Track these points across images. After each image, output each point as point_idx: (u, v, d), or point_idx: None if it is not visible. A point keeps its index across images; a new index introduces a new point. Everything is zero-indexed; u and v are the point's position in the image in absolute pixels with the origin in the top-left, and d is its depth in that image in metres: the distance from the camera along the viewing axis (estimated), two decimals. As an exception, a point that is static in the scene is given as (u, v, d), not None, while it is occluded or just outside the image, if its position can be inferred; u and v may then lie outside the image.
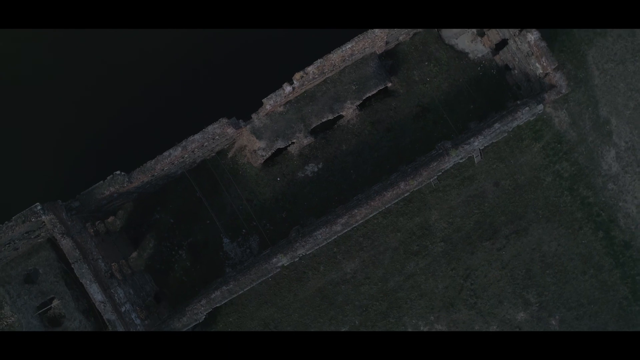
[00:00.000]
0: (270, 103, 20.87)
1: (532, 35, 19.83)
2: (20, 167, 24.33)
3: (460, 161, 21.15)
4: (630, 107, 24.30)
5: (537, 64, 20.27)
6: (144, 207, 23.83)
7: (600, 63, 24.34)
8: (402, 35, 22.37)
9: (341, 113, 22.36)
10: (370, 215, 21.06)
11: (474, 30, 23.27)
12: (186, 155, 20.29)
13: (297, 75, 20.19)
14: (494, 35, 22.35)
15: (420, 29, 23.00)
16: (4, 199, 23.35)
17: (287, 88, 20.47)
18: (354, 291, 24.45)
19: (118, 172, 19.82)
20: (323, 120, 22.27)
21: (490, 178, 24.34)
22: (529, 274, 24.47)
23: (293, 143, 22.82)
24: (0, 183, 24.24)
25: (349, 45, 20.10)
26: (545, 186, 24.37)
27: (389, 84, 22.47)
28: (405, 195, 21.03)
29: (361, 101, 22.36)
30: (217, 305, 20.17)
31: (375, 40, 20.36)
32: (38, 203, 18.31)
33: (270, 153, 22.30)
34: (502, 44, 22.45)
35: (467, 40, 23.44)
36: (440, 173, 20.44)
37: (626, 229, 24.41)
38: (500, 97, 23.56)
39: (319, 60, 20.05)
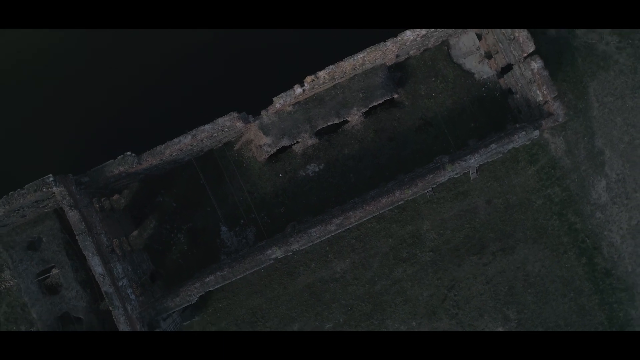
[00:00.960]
0: (280, 102, 21.73)
1: (536, 64, 20.69)
2: (36, 140, 25.27)
3: (456, 176, 21.99)
4: (624, 141, 25.17)
5: (538, 91, 21.10)
6: (149, 189, 24.69)
7: (600, 96, 25.20)
8: (413, 50, 23.21)
9: (347, 118, 23.20)
10: (365, 219, 21.84)
11: (482, 52, 24.13)
12: (195, 144, 21.13)
13: (309, 79, 21.02)
14: (501, 59, 23.21)
15: (431, 46, 23.86)
16: (20, 169, 24.30)
17: (298, 89, 21.32)
18: (342, 290, 25.33)
19: (129, 153, 20.63)
20: (329, 124, 23.11)
21: (484, 195, 25.21)
22: (511, 291, 25.35)
23: (298, 142, 23.67)
24: (18, 154, 25.21)
25: (361, 55, 20.94)
26: (535, 208, 25.24)
27: (396, 96, 23.31)
28: (400, 203, 21.84)
29: (367, 109, 23.18)
30: (210, 289, 20.99)
31: (386, 52, 21.20)
32: (51, 175, 19.17)
33: (275, 149, 23.15)
34: (508, 68, 23.26)
35: (474, 61, 24.28)
36: (435, 185, 21.27)
37: (609, 257, 25.28)
38: (501, 118, 24.41)
39: (330, 66, 20.89)
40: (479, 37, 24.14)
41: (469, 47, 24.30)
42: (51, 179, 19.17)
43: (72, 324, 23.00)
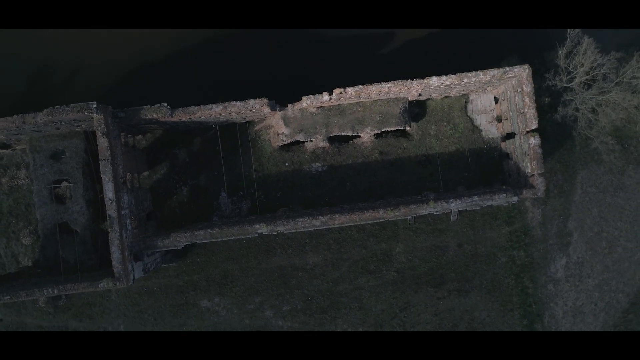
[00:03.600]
0: (307, 102, 24.16)
1: (534, 140, 23.15)
2: (89, 72, 27.78)
3: (436, 213, 24.42)
4: (594, 231, 27.67)
5: (528, 164, 23.54)
6: (170, 139, 27.16)
7: (585, 185, 27.70)
8: (435, 93, 25.66)
9: (359, 134, 25.62)
10: (347, 224, 24.27)
11: (495, 114, 26.59)
12: (224, 114, 23.53)
13: (338, 90, 23.45)
14: (508, 125, 25.68)
15: (452, 95, 26.34)
16: (71, 91, 26.81)
17: (325, 96, 23.77)
18: (308, 281, 27.82)
19: (165, 104, 23.02)
20: (342, 134, 25.53)
21: (457, 238, 27.71)
22: (453, 329, 27.86)
23: (311, 141, 26.12)
24: (72, 81, 27.71)
25: (388, 85, 23.37)
26: (498, 264, 27.76)
27: (408, 128, 25.72)
28: (381, 221, 24.30)
29: (379, 132, 25.64)
30: (196, 241, 23.42)
31: (410, 89, 23.64)
32: (95, 102, 21.64)
33: (290, 140, 25.57)
34: (511, 135, 25.69)
35: (485, 120, 26.74)
36: (415, 215, 23.71)
37: (547, 327, 27.80)
38: (492, 177, 26.86)
39: (359, 86, 23.33)
40: (497, 100, 26.60)
41: (485, 106, 26.75)
42: (94, 105, 21.60)
43: (68, 234, 25.39)
